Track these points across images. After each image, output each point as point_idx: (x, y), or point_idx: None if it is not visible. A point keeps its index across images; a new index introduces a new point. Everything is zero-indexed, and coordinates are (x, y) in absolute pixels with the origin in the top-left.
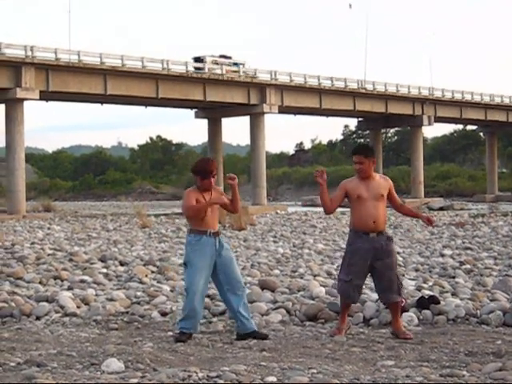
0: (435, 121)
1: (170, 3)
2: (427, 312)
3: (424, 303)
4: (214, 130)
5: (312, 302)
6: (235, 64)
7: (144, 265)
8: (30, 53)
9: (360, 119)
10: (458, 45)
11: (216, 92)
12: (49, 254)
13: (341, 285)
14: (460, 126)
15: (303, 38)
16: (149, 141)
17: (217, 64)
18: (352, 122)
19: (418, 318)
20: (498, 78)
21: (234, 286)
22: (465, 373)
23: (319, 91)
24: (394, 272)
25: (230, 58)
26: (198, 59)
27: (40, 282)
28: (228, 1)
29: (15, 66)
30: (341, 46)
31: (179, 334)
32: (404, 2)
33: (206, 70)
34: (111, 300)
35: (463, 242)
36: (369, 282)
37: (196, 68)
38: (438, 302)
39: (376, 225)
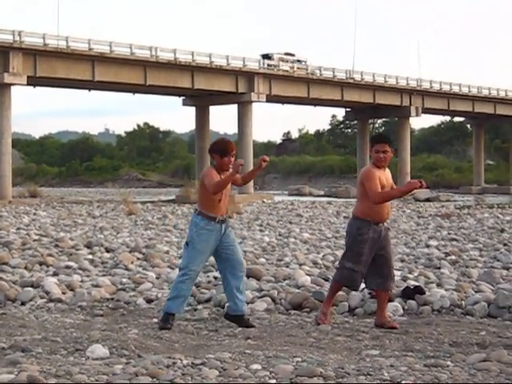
0: (423, 112)
1: None
2: (412, 302)
3: (409, 293)
4: (202, 118)
5: (297, 290)
6: (298, 61)
7: (130, 252)
8: (17, 38)
9: (348, 109)
10: (446, 36)
11: (204, 80)
12: (34, 240)
13: (348, 273)
14: (447, 118)
15: (292, 26)
16: (136, 128)
17: (283, 61)
18: (340, 112)
19: (403, 308)
20: (485, 70)
21: (234, 266)
22: (449, 363)
23: (307, 81)
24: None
25: (293, 55)
26: (266, 56)
27: (25, 268)
28: None
29: (3, 51)
30: (329, 36)
31: (164, 316)
32: None
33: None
34: (96, 286)
35: (449, 234)
36: None
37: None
38: (423, 293)
39: (388, 215)
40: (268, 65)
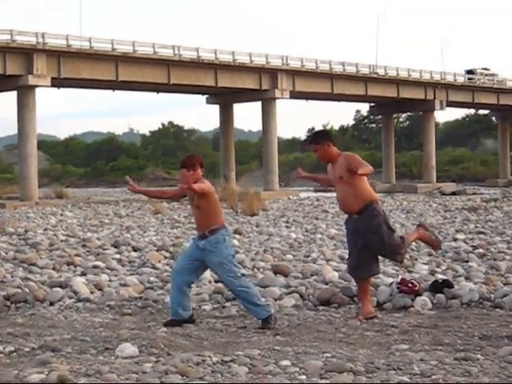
0: (447, 105)
1: None
2: (441, 296)
3: (438, 287)
4: (226, 116)
5: (325, 286)
6: (492, 75)
7: (157, 250)
8: (41, 39)
9: (372, 104)
10: (469, 28)
11: (227, 78)
12: (62, 240)
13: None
14: (472, 111)
15: (315, 22)
16: (160, 127)
17: (482, 75)
18: (364, 107)
19: (432, 302)
20: (510, 62)
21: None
22: (479, 356)
23: (331, 76)
24: (371, 250)
25: (488, 69)
26: (470, 71)
27: (53, 268)
28: None
29: (26, 53)
30: (352, 31)
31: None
32: None
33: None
34: (124, 285)
35: (476, 227)
36: (382, 266)
37: (469, 79)
38: (452, 286)
39: (345, 208)
40: (470, 78)
